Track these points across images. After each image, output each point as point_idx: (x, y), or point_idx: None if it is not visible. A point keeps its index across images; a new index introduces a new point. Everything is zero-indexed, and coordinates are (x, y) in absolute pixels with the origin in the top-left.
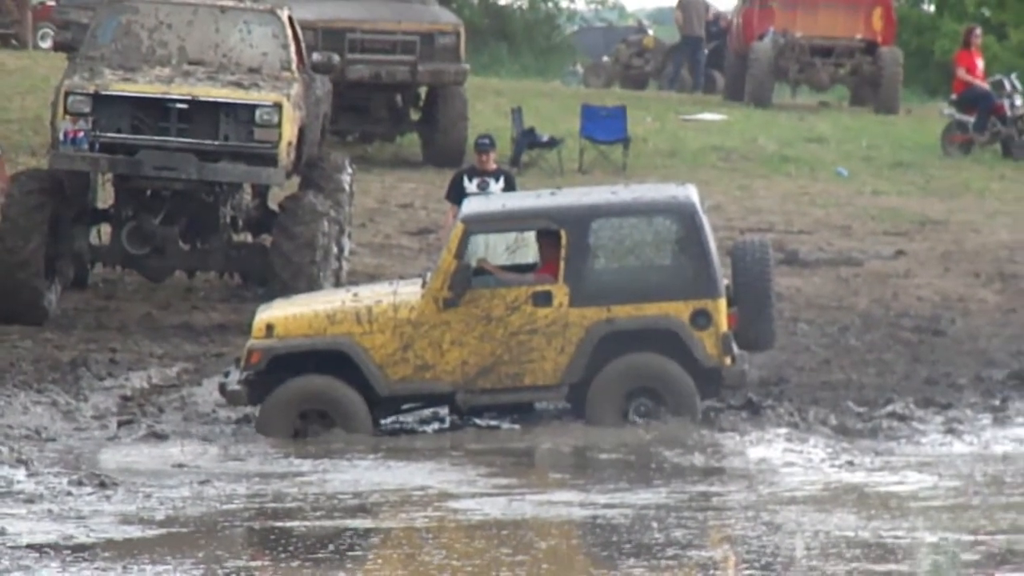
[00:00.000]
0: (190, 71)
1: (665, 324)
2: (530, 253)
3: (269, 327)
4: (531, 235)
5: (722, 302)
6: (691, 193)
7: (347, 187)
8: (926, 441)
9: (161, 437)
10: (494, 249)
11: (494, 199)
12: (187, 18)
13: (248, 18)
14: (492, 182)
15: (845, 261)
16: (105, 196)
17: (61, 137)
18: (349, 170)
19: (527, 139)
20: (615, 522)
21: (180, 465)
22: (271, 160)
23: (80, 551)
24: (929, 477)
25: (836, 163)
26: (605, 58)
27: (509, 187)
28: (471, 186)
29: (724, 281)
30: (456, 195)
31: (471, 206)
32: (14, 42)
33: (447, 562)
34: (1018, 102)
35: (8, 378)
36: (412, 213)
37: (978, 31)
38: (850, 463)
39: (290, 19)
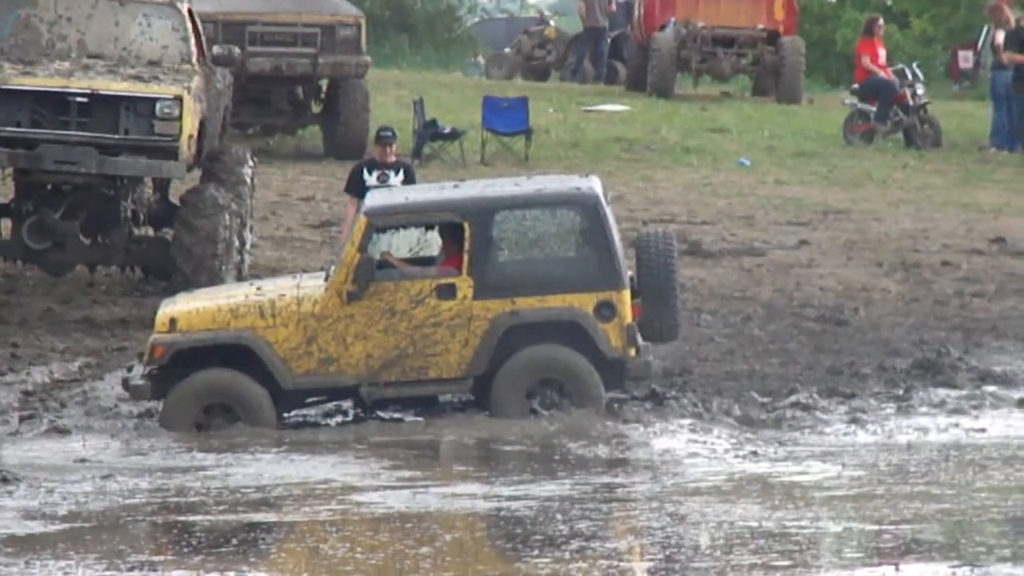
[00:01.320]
0: (90, 64)
1: (569, 316)
2: (434, 246)
3: (172, 321)
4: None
5: (626, 293)
6: (594, 184)
7: (248, 180)
8: (830, 431)
9: (63, 432)
10: (398, 245)
11: (397, 192)
12: (86, 11)
13: (148, 11)
14: (392, 174)
15: (748, 251)
16: (5, 190)
17: None
18: (250, 163)
19: (429, 131)
20: (520, 514)
21: (82, 460)
22: (172, 153)
23: None
24: (833, 467)
25: (738, 153)
26: (507, 49)
27: (409, 179)
28: (371, 179)
29: (628, 272)
30: (356, 188)
31: (374, 199)
32: None
33: (351, 555)
34: (920, 91)
35: None
36: (314, 206)
37: (880, 20)
38: (754, 453)
39: (190, 12)
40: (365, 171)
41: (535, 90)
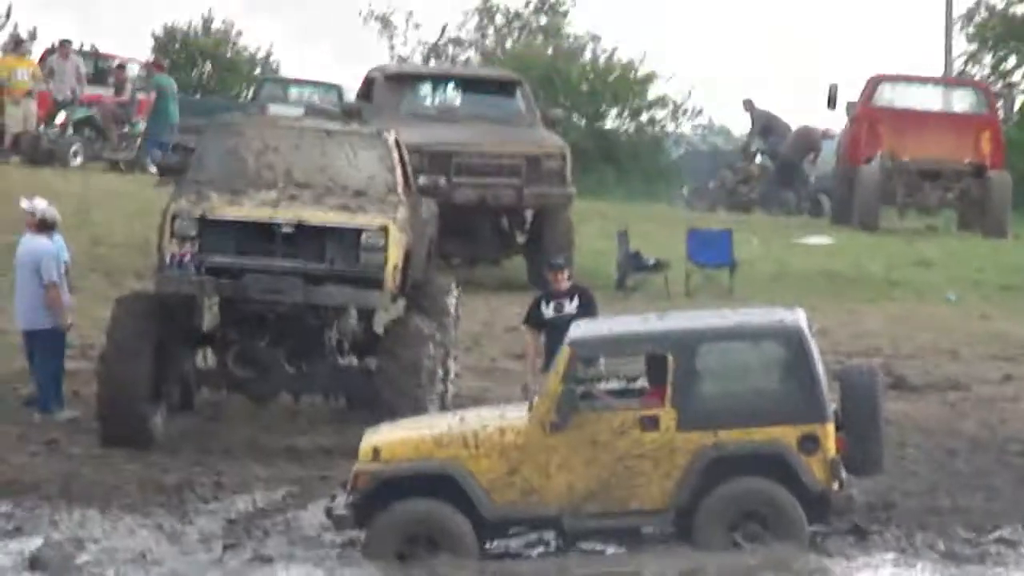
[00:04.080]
0: (296, 194)
1: (772, 448)
2: None
3: (376, 451)
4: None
5: (830, 426)
6: (799, 317)
7: (453, 310)
8: None
9: (267, 560)
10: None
11: (602, 323)
12: (293, 141)
13: (354, 141)
14: (567, 302)
15: (953, 385)
16: (211, 319)
17: (168, 260)
18: (455, 293)
19: (633, 263)
20: None
21: None
22: (377, 283)
23: None
24: None
25: (944, 287)
26: (711, 183)
27: (585, 303)
28: (548, 310)
29: (832, 405)
30: (535, 320)
31: (579, 330)
32: (122, 166)
33: None
34: None
35: (113, 501)
36: (518, 336)
37: None
38: None
39: (396, 142)
40: (543, 303)
41: (740, 222)
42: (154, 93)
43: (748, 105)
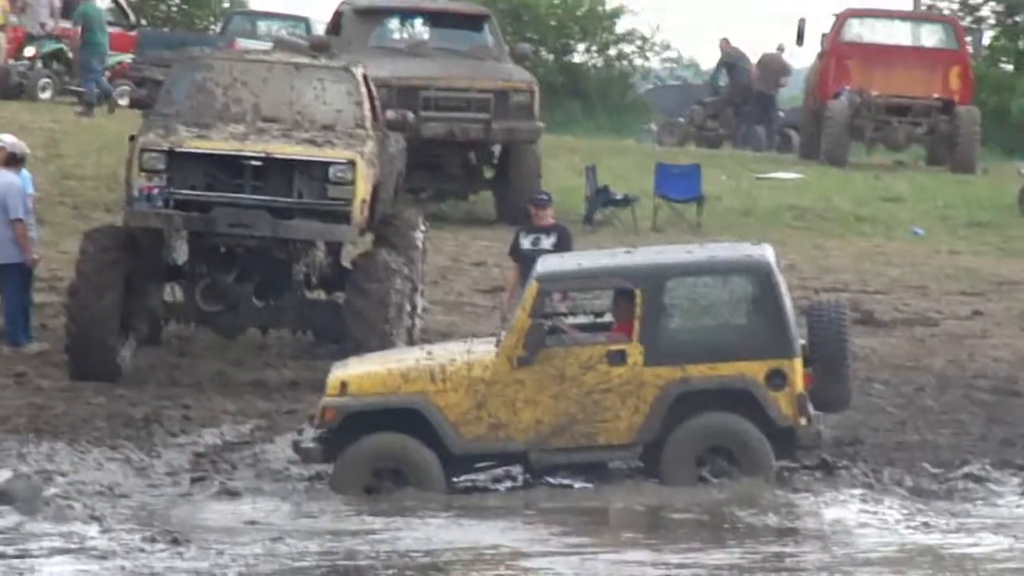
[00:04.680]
0: (264, 128)
1: (740, 384)
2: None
3: (343, 385)
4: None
5: (798, 362)
6: (767, 252)
7: (420, 245)
8: (1002, 503)
9: (234, 494)
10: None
11: (569, 258)
12: (262, 75)
13: (322, 75)
14: (543, 237)
15: (921, 321)
16: (179, 253)
17: (136, 194)
18: (423, 228)
19: (601, 197)
20: None
21: (253, 522)
22: (345, 217)
23: None
24: (1005, 539)
25: (912, 223)
26: (680, 119)
27: (563, 242)
28: (526, 242)
29: (800, 341)
30: (516, 252)
31: (546, 265)
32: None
33: None
34: None
35: (82, 434)
36: (485, 271)
37: None
38: (925, 524)
39: (364, 76)
40: (522, 235)
41: (707, 157)
42: (80, 26)
43: (724, 43)
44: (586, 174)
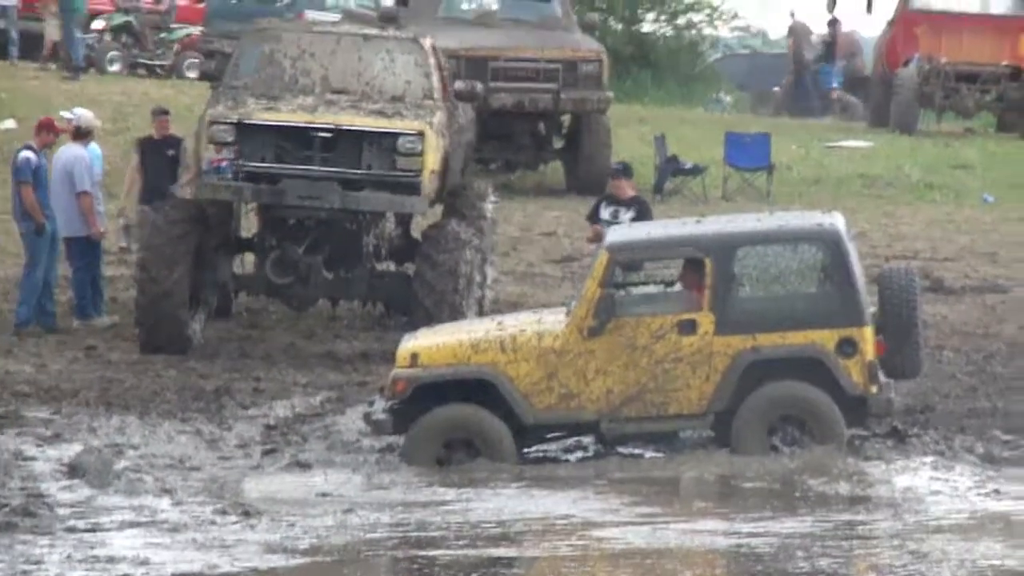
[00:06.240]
0: (333, 100)
1: (811, 352)
2: None
3: (414, 356)
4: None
5: (868, 330)
6: (837, 221)
7: (490, 216)
8: None
9: (305, 466)
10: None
11: (639, 227)
12: (330, 47)
13: (391, 47)
14: (623, 211)
15: (991, 288)
16: (249, 225)
17: (205, 166)
18: (492, 198)
19: (671, 166)
20: (760, 551)
21: (324, 494)
22: (414, 189)
23: None
24: None
25: (982, 190)
26: (776, 88)
27: (642, 216)
28: (605, 213)
29: (871, 309)
30: (595, 220)
31: (616, 235)
32: (159, 71)
33: None
34: None
35: (152, 407)
36: (555, 241)
37: None
38: (996, 491)
39: (433, 47)
40: (602, 205)
41: (777, 126)
42: None
43: (832, 23)
44: (655, 144)
